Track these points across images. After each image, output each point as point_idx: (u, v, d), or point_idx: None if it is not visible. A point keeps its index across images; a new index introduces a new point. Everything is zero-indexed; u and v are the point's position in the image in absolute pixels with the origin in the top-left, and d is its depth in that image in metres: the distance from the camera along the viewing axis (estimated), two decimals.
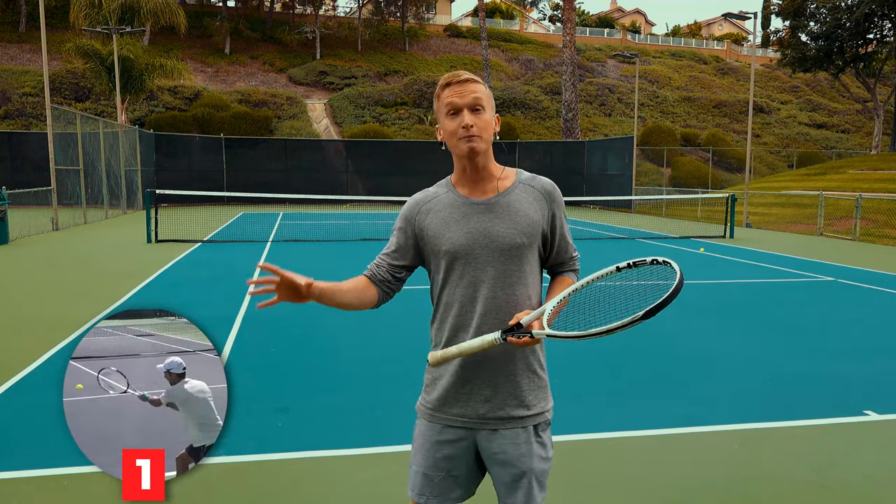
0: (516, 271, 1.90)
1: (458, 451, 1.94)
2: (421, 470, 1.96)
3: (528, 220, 1.91)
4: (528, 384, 1.93)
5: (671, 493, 3.42)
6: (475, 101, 1.85)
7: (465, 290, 1.90)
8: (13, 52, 38.69)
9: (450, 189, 1.97)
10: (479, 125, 1.85)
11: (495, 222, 1.90)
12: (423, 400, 2.01)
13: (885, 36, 34.72)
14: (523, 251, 1.91)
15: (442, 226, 1.92)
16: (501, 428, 1.91)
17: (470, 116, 1.85)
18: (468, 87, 1.86)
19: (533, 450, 1.92)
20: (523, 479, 1.90)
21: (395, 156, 31.42)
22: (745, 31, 70.73)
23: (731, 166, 39.02)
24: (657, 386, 5.13)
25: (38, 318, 7.16)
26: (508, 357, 1.90)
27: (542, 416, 1.96)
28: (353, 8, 54.39)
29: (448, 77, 1.89)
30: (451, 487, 1.95)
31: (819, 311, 8.21)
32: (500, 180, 1.95)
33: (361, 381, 5.15)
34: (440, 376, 1.95)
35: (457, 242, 1.89)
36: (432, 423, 1.97)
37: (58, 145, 18.02)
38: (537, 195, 1.95)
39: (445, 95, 1.88)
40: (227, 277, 9.81)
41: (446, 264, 1.92)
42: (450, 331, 1.92)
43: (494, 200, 1.92)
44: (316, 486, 3.45)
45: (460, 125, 1.85)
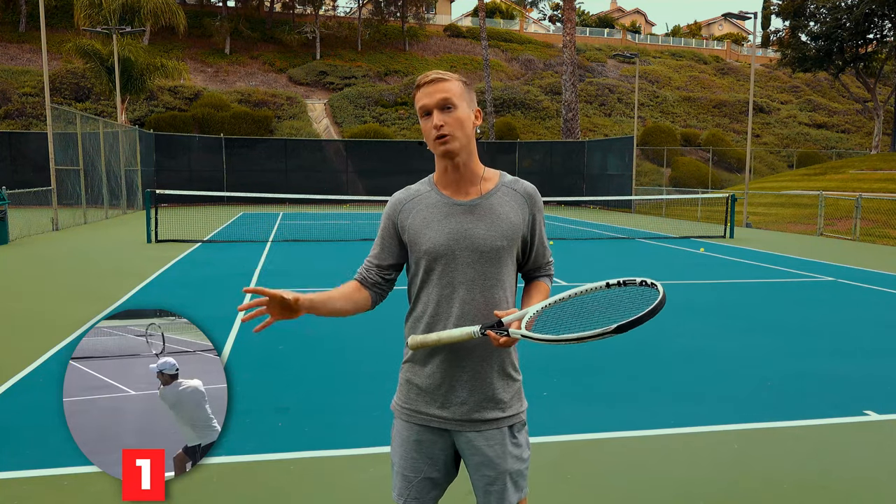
0: (495, 274, 1.91)
1: (435, 451, 1.95)
2: (400, 471, 1.98)
3: (509, 223, 1.91)
4: (502, 386, 1.94)
5: (671, 493, 3.42)
6: (443, 101, 1.84)
7: (442, 290, 1.90)
8: (13, 52, 38.68)
9: (432, 188, 1.97)
10: (450, 123, 1.85)
11: (476, 224, 1.89)
12: (399, 400, 2.02)
13: (885, 36, 34.71)
14: (502, 254, 1.91)
15: (423, 225, 1.91)
16: (477, 430, 1.92)
17: (440, 116, 1.84)
18: (436, 86, 1.86)
19: (508, 450, 1.93)
20: (498, 480, 1.92)
21: (395, 156, 31.42)
22: (745, 31, 70.72)
23: (731, 166, 39.02)
24: (657, 386, 5.13)
25: (38, 318, 7.16)
26: (484, 359, 1.91)
27: (518, 416, 1.98)
28: (353, 8, 54.42)
29: (420, 78, 1.89)
30: (429, 488, 1.96)
31: (819, 311, 8.20)
32: (483, 181, 1.95)
33: (361, 380, 5.15)
34: (415, 376, 1.96)
35: (437, 242, 1.89)
36: (409, 423, 1.97)
37: (58, 145, 18.01)
38: (519, 199, 1.96)
39: (418, 98, 1.89)
40: (227, 277, 9.80)
41: (426, 264, 1.92)
42: (424, 330, 1.93)
43: (476, 202, 1.92)
44: (316, 486, 3.45)
45: (432, 126, 1.85)
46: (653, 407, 4.65)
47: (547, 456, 3.77)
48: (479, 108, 1.95)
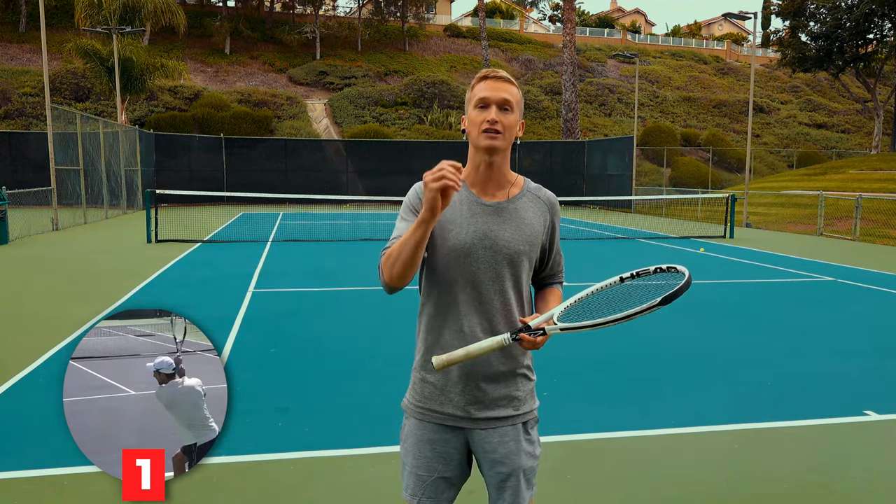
0: (513, 276, 1.92)
1: (449, 450, 1.95)
2: (414, 471, 1.97)
3: (532, 229, 1.94)
4: (518, 385, 1.96)
5: (671, 493, 3.42)
6: (505, 101, 1.87)
7: (461, 288, 1.90)
8: (13, 52, 38.68)
9: (462, 183, 1.95)
10: (504, 123, 1.87)
11: (502, 227, 1.91)
12: (411, 398, 2.02)
13: (885, 36, 34.71)
14: (523, 258, 1.93)
15: (449, 220, 1.91)
16: (492, 427, 1.93)
17: (497, 113, 1.86)
18: (503, 84, 1.88)
19: (522, 447, 1.94)
20: (512, 477, 1.92)
21: (395, 156, 31.42)
22: (745, 31, 70.72)
23: (731, 166, 39.02)
24: (657, 386, 5.13)
25: (38, 318, 7.16)
26: (501, 359, 1.92)
27: (531, 413, 2.00)
28: (353, 8, 54.39)
29: (486, 71, 1.91)
30: (444, 488, 1.96)
31: (819, 311, 8.20)
32: (511, 186, 1.97)
33: (361, 380, 5.15)
34: (430, 375, 1.95)
35: (462, 240, 1.89)
36: (423, 421, 1.97)
37: (58, 145, 18.01)
38: (542, 206, 1.99)
39: (479, 88, 1.89)
40: (227, 277, 9.80)
41: (447, 260, 1.91)
42: (439, 329, 1.92)
43: (504, 205, 1.94)
44: (316, 486, 3.45)
45: (486, 118, 1.86)
46: (653, 407, 4.65)
47: (547, 456, 3.76)
48: (523, 121, 1.97)
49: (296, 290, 9.09)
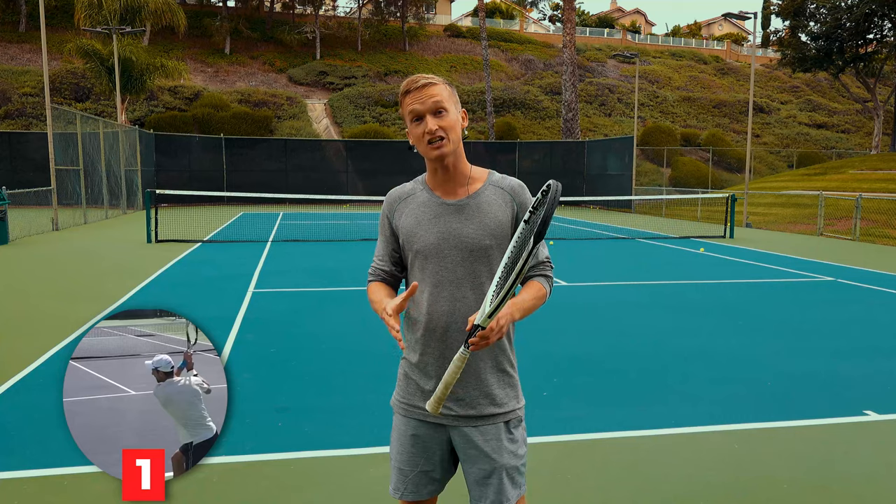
0: (485, 271, 1.94)
1: (431, 445, 1.99)
2: (397, 465, 2.02)
3: (496, 221, 1.95)
4: (497, 382, 1.97)
5: (671, 493, 3.42)
6: (436, 105, 1.89)
7: (434, 288, 1.94)
8: (13, 52, 38.68)
9: (424, 187, 2.02)
10: (444, 127, 1.89)
11: (464, 223, 1.93)
12: (397, 395, 2.06)
13: (885, 36, 34.70)
14: (491, 252, 1.94)
15: (415, 224, 1.96)
16: (473, 425, 1.95)
17: (433, 121, 1.88)
18: (427, 91, 1.89)
19: (504, 445, 1.96)
20: (493, 474, 1.94)
21: (395, 156, 31.40)
22: (745, 31, 70.72)
23: (731, 166, 39.01)
24: (657, 386, 5.13)
25: (39, 318, 7.16)
26: (478, 356, 1.94)
27: (514, 413, 2.00)
28: (353, 8, 54.42)
29: (407, 84, 1.93)
30: (424, 482, 2.00)
31: (819, 311, 8.20)
32: (471, 180, 1.99)
33: (361, 380, 5.15)
34: (412, 372, 2.00)
35: (427, 242, 1.94)
36: (406, 417, 2.01)
37: (58, 145, 18.01)
38: (505, 196, 1.99)
39: (407, 103, 1.92)
40: (227, 277, 9.80)
41: (418, 263, 1.96)
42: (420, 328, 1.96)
43: (465, 202, 1.96)
44: (316, 486, 3.45)
45: (425, 130, 1.89)
46: (653, 407, 4.65)
47: (547, 456, 3.77)
48: (464, 110, 1.99)
49: (296, 290, 9.09)
